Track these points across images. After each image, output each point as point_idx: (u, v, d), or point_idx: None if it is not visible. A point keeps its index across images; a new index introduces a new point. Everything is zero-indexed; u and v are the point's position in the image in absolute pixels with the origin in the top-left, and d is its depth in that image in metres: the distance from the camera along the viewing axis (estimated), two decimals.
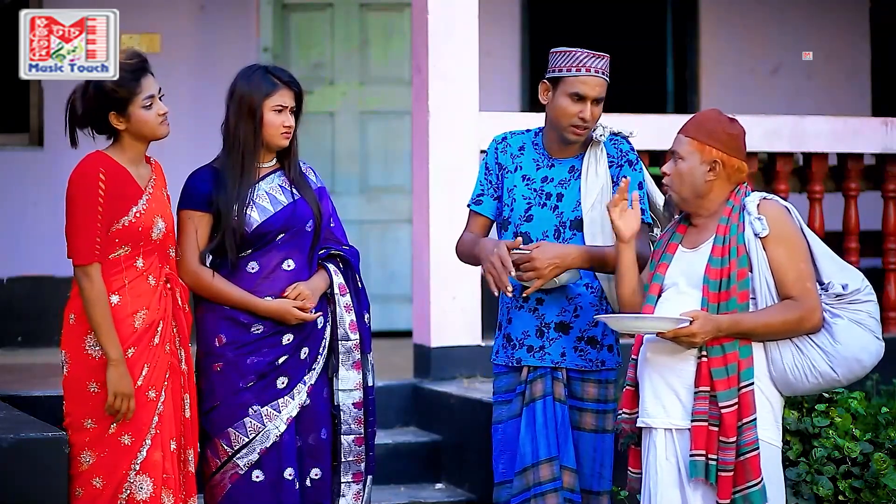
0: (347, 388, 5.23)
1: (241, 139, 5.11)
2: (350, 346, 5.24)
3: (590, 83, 4.98)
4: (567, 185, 5.08)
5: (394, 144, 9.49)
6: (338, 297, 5.23)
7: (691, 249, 4.66)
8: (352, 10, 9.51)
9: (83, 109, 4.87)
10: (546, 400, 5.02)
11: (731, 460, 4.46)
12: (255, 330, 5.11)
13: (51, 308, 8.75)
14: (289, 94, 5.16)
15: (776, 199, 4.65)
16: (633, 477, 4.73)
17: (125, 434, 4.82)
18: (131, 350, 4.83)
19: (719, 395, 4.48)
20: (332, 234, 5.31)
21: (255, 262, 5.13)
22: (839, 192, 8.03)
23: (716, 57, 10.11)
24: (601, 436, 5.07)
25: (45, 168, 8.92)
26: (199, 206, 5.11)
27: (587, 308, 5.06)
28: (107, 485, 4.80)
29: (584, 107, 4.97)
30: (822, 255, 4.62)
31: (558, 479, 4.97)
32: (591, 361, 5.06)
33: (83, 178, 4.80)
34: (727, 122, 4.67)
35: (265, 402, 5.10)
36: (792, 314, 4.52)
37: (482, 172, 5.24)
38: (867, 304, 4.59)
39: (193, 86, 9.04)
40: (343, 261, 5.29)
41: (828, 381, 4.57)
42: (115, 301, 4.83)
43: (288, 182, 5.20)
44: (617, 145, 5.09)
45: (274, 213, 5.12)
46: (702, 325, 4.47)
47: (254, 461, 5.08)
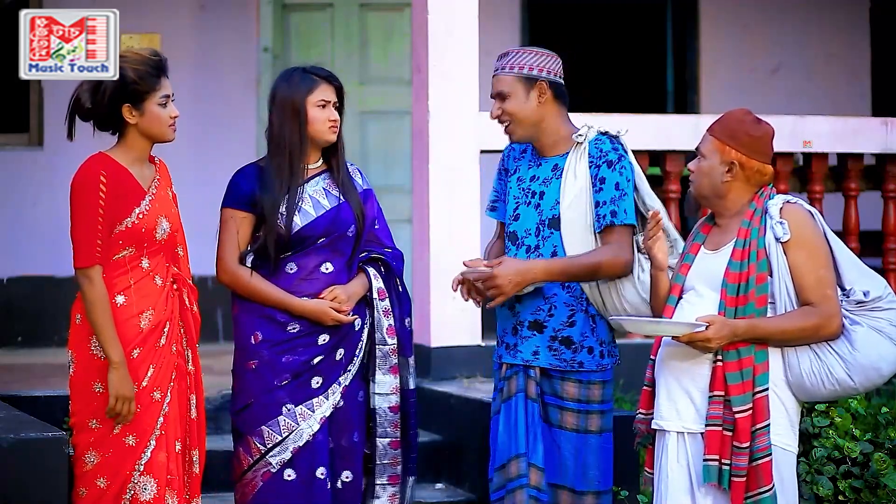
0: (384, 392, 5.22)
1: (287, 140, 5.11)
2: (387, 351, 5.23)
3: (492, 83, 5.13)
4: (549, 183, 5.09)
5: (394, 144, 9.49)
6: (376, 301, 5.22)
7: (713, 251, 4.62)
8: (352, 10, 9.51)
9: (93, 101, 4.85)
10: (518, 397, 5.03)
11: (744, 466, 4.42)
12: (292, 329, 5.10)
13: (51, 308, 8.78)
14: (330, 88, 5.15)
15: (801, 203, 4.59)
16: (648, 477, 4.71)
17: (129, 435, 4.81)
18: (137, 350, 4.82)
19: (734, 400, 4.45)
20: (376, 237, 5.29)
21: (293, 263, 5.13)
22: (839, 192, 8.02)
23: (716, 57, 10.12)
24: (584, 436, 5.05)
25: (45, 168, 8.93)
26: (242, 205, 5.11)
27: (562, 307, 5.05)
28: (111, 485, 4.79)
29: (493, 105, 5.13)
30: (845, 261, 4.57)
31: (524, 475, 4.97)
32: (566, 362, 5.05)
33: (84, 182, 4.79)
34: (751, 123, 4.61)
35: (299, 401, 5.09)
36: (809, 321, 4.47)
37: (496, 178, 5.32)
38: (889, 312, 4.52)
39: (193, 86, 9.04)
40: (385, 265, 5.28)
41: (845, 388, 4.52)
42: (121, 301, 4.83)
43: (334, 185, 5.20)
44: (598, 145, 5.06)
45: (316, 217, 5.11)
46: (717, 330, 4.44)
47: (286, 460, 5.07)
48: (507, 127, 5.09)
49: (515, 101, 5.05)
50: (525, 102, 5.06)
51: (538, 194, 5.09)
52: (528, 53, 5.09)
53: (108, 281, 4.81)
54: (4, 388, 6.62)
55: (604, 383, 5.09)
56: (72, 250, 4.80)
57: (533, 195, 5.11)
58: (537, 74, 5.06)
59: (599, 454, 5.06)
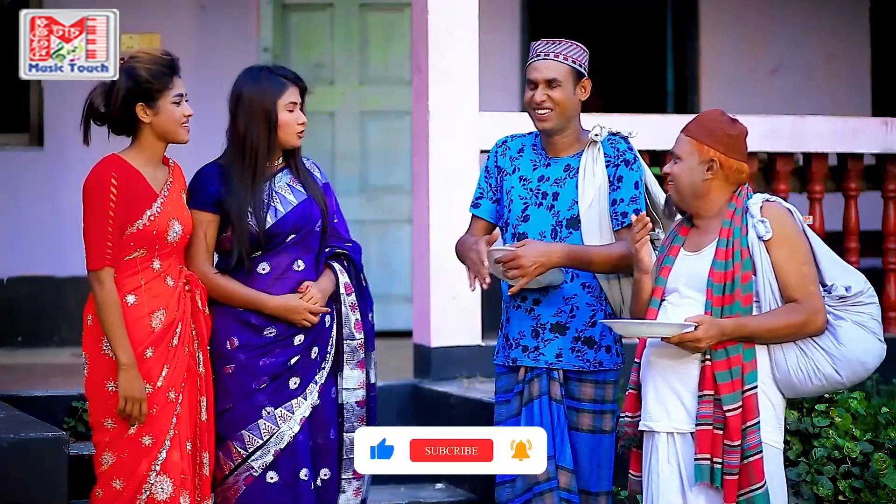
0: (351, 386, 5.22)
1: (255, 142, 5.08)
2: (355, 346, 5.23)
3: (538, 67, 5.02)
4: (563, 183, 5.07)
5: (394, 144, 9.49)
6: (343, 296, 5.22)
7: (694, 252, 4.64)
8: (352, 10, 9.51)
9: (106, 103, 4.85)
10: (542, 399, 5.02)
11: (736, 464, 4.45)
12: (268, 333, 5.10)
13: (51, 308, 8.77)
14: (296, 90, 5.15)
15: (779, 202, 4.64)
16: (634, 480, 4.72)
17: (146, 435, 4.81)
18: (150, 350, 4.82)
19: (723, 399, 4.47)
20: (336, 231, 5.30)
21: (266, 263, 5.12)
22: (839, 192, 8.03)
23: (716, 57, 10.11)
24: (598, 436, 5.07)
25: (45, 168, 8.90)
26: (207, 206, 5.09)
27: (584, 308, 5.06)
28: (127, 486, 4.79)
29: (534, 91, 5.01)
30: (824, 258, 4.61)
31: (554, 479, 4.96)
32: (589, 362, 5.06)
33: (95, 184, 4.80)
34: (728, 122, 4.66)
35: (279, 403, 5.09)
36: (796, 317, 4.51)
37: (482, 176, 5.26)
38: (870, 307, 4.58)
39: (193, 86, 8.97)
40: (348, 259, 5.27)
41: (831, 383, 4.57)
42: (132, 301, 4.83)
43: (296, 180, 5.18)
44: (614, 145, 5.08)
45: (285, 213, 5.10)
46: (706, 330, 4.46)
47: (268, 463, 5.06)
48: (545, 114, 5.03)
49: (565, 91, 5.02)
50: (572, 95, 5.04)
51: (551, 195, 5.07)
52: (577, 47, 5.07)
53: (119, 281, 4.82)
54: (4, 388, 6.62)
55: (615, 383, 5.12)
56: (84, 252, 4.80)
57: (544, 196, 5.09)
58: (584, 70, 5.06)
59: (610, 454, 5.08)
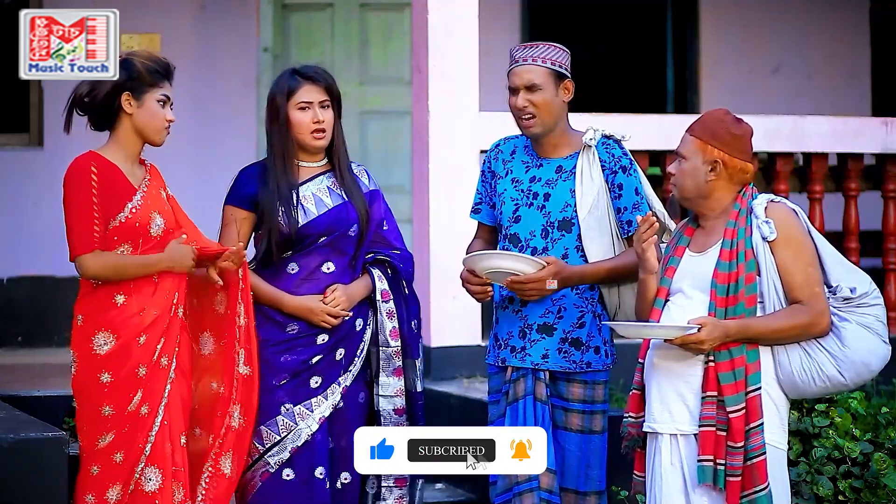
0: (388, 394, 5.19)
1: (275, 141, 5.13)
2: (390, 353, 5.20)
3: (517, 72, 5.02)
4: (554, 185, 5.07)
5: (394, 144, 9.50)
6: (380, 303, 5.19)
7: (699, 253, 4.63)
8: (352, 10, 9.51)
9: (93, 88, 4.85)
10: (527, 400, 5.01)
11: (739, 465, 4.43)
12: (291, 330, 5.10)
13: (51, 308, 8.78)
14: (315, 88, 5.13)
15: (784, 202, 4.62)
16: (638, 480, 4.72)
17: (143, 405, 4.78)
18: (143, 337, 4.81)
19: (727, 400, 4.46)
20: (384, 238, 5.27)
21: (295, 263, 5.13)
22: (839, 192, 8.03)
23: (716, 57, 10.12)
24: (587, 436, 5.06)
25: (45, 168, 8.92)
26: (241, 203, 5.12)
27: (571, 309, 5.05)
28: (126, 459, 4.76)
29: (516, 97, 5.01)
30: (830, 258, 4.60)
31: (534, 479, 4.94)
32: (576, 363, 5.04)
33: (75, 174, 4.80)
34: (732, 122, 4.63)
35: (298, 400, 5.09)
36: (800, 319, 4.49)
37: (480, 181, 5.28)
38: (875, 308, 4.56)
39: (193, 86, 9.04)
40: (391, 267, 5.24)
41: (835, 384, 4.55)
42: (121, 301, 4.82)
43: (337, 184, 5.19)
44: (609, 150, 5.06)
45: (317, 215, 5.10)
46: (710, 331, 4.45)
47: (284, 460, 5.06)
48: (529, 120, 5.02)
49: (546, 94, 5.01)
50: (555, 97, 5.03)
51: (542, 196, 5.07)
52: (555, 49, 5.05)
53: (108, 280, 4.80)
54: (4, 388, 6.62)
55: (605, 383, 5.10)
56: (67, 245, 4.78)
57: (535, 196, 5.09)
58: (565, 71, 5.06)
59: (601, 454, 5.07)
